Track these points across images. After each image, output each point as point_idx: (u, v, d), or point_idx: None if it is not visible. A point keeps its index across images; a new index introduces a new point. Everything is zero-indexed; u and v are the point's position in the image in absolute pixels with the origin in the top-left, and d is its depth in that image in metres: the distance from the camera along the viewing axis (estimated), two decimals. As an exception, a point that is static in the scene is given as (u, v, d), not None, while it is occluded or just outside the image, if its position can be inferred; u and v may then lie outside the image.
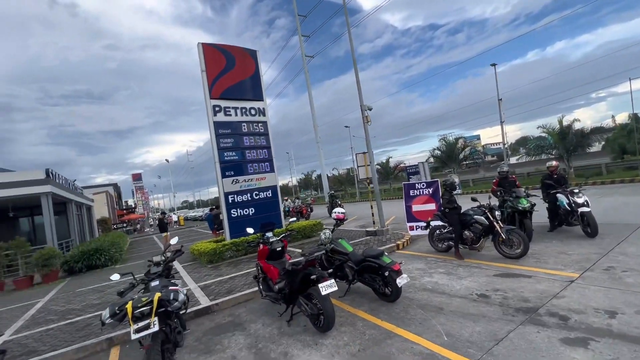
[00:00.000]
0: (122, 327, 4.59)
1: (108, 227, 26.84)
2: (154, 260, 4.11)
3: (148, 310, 2.91)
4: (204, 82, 9.64)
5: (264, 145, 10.51)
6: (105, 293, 7.18)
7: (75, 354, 4.14)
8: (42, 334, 4.96)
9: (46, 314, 6.15)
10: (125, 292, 3.59)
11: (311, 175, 67.45)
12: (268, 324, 4.31)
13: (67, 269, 10.60)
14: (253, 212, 9.95)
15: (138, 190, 73.53)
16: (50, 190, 11.83)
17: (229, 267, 7.81)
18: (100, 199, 28.91)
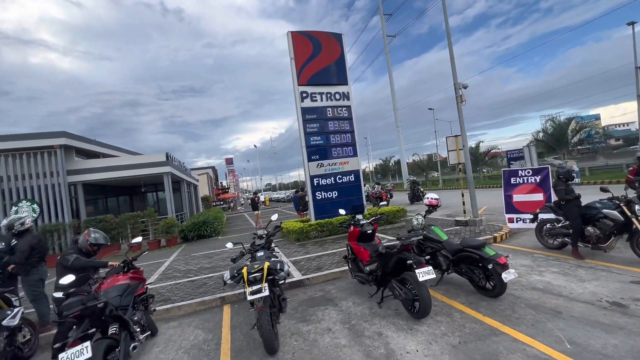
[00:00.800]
0: (230, 290, 5.31)
1: (209, 204, 31.07)
2: (257, 234, 4.58)
3: (259, 277, 3.28)
4: (293, 70, 10.08)
5: (348, 130, 10.56)
6: (213, 259, 8.38)
7: (197, 306, 4.96)
8: (172, 286, 6.08)
9: (172, 271, 7.51)
10: (236, 259, 4.10)
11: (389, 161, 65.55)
12: (358, 303, 4.42)
13: (183, 237, 12.70)
14: (336, 195, 10.21)
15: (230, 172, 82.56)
16: (170, 170, 14.18)
17: (315, 246, 8.24)
18: (202, 179, 33.51)
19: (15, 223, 4.55)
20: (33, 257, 4.54)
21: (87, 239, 4.13)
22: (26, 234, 4.59)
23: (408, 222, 10.16)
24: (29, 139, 12.14)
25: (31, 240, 4.53)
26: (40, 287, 4.57)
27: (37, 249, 4.58)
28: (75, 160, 13.45)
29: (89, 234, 4.18)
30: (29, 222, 4.67)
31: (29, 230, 4.67)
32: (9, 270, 4.40)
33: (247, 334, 3.85)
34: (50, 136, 12.36)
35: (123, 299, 3.40)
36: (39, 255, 4.63)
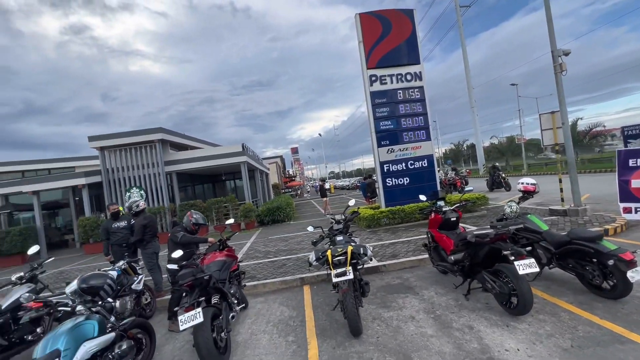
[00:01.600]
0: (309, 271, 5.55)
1: (278, 191, 32.89)
2: (335, 218, 4.66)
3: (343, 260, 3.34)
4: (361, 53, 9.83)
5: (420, 112, 9.97)
6: (289, 242, 8.86)
7: (280, 285, 5.31)
8: (255, 265, 6.62)
9: (254, 252, 8.17)
10: (317, 242, 4.24)
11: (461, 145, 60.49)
12: (441, 293, 4.21)
13: (260, 221, 13.71)
14: (408, 182, 9.82)
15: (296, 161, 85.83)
16: (246, 160, 15.32)
17: (387, 233, 8.09)
18: (272, 168, 35.53)
19: (133, 205, 5.42)
20: (147, 234, 5.36)
21: (191, 219, 4.71)
22: (141, 214, 5.43)
23: (490, 211, 9.27)
24: (134, 135, 14.29)
25: (144, 220, 5.35)
26: (154, 259, 5.40)
27: (149, 227, 5.40)
28: (170, 153, 15.42)
29: (192, 215, 4.75)
30: (142, 205, 5.51)
31: (143, 211, 5.51)
32: (131, 244, 5.31)
33: (329, 315, 3.98)
34: (150, 132, 14.37)
35: (221, 273, 3.81)
36: (151, 232, 5.44)
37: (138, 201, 5.51)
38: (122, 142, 14.20)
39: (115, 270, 4.29)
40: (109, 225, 5.46)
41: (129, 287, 4.25)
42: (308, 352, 3.19)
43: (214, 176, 21.31)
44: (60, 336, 2.36)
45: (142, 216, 5.39)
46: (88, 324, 2.56)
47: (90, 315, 2.67)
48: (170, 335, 4.07)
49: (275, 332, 3.75)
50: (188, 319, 2.89)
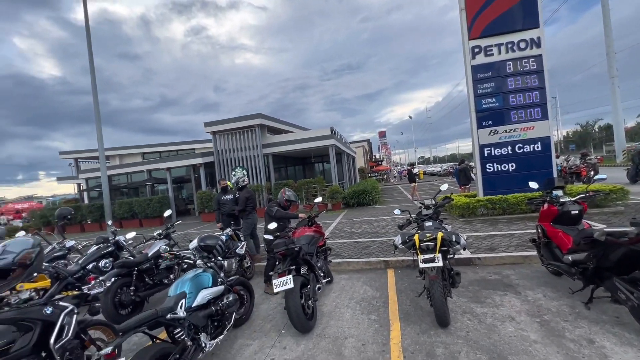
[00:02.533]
0: (392, 255, 5.47)
1: (364, 174, 32.85)
2: (425, 203, 4.42)
3: (432, 246, 3.17)
4: (462, 23, 8.75)
5: (535, 87, 8.41)
6: (373, 225, 8.86)
7: (364, 265, 5.40)
8: (340, 244, 6.86)
9: (339, 232, 8.46)
10: (403, 226, 4.12)
11: (591, 126, 49.10)
12: (552, 297, 3.62)
13: (345, 203, 14.05)
14: (514, 168, 8.54)
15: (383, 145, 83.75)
16: (334, 143, 15.71)
17: (484, 225, 7.29)
18: (358, 152, 35.54)
19: (239, 180, 6.24)
20: (249, 206, 6.13)
21: (284, 196, 5.16)
22: (244, 189, 6.20)
23: (630, 207, 7.38)
24: (238, 121, 16.13)
25: (247, 193, 6.11)
26: (253, 229, 6.15)
27: (250, 199, 6.16)
28: (267, 136, 16.93)
29: (285, 192, 5.20)
30: (246, 181, 6.29)
31: (246, 186, 6.28)
32: (236, 214, 6.15)
33: (414, 301, 3.87)
34: (250, 118, 16.00)
35: (309, 247, 4.08)
36: (252, 205, 6.20)
37: (243, 177, 6.32)
38: (229, 127, 16.23)
39: (224, 235, 5.04)
40: (219, 198, 6.43)
41: (234, 251, 4.95)
42: (390, 333, 3.20)
43: (305, 159, 22.57)
44: (185, 282, 2.93)
45: (245, 190, 6.17)
46: (205, 276, 3.11)
47: (206, 269, 3.22)
48: (266, 296, 4.61)
49: (358, 308, 3.86)
50: (281, 283, 3.22)
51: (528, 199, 4.72)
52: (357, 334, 3.27)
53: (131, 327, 2.23)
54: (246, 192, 6.15)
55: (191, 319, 2.72)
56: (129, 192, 21.31)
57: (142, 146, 23.36)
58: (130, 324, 2.24)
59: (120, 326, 2.21)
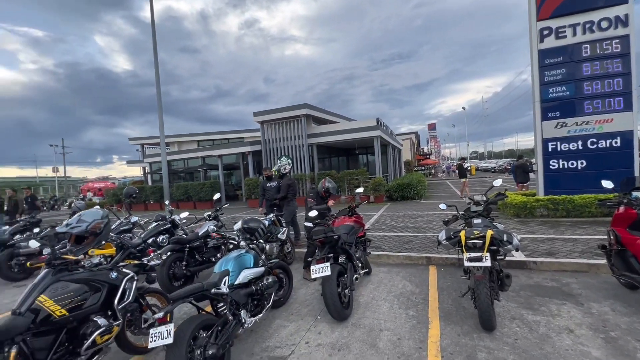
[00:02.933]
0: (435, 252, 5.23)
1: (410, 168, 31.71)
2: (474, 199, 4.13)
3: (480, 244, 2.96)
4: (530, 2, 7.87)
5: (618, 73, 7.31)
6: (417, 220, 8.55)
7: (404, 260, 5.25)
8: (381, 237, 6.74)
9: (380, 224, 8.31)
10: (449, 222, 3.90)
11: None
12: (622, 312, 3.18)
13: (388, 196, 13.74)
14: (583, 166, 7.59)
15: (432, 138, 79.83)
16: (379, 134, 15.34)
17: (543, 227, 6.62)
18: (405, 144, 34.32)
19: (281, 167, 6.42)
20: (289, 194, 6.28)
21: (324, 186, 5.19)
22: (285, 177, 6.37)
23: None
24: (285, 111, 16.47)
25: (288, 181, 6.26)
26: (293, 216, 6.31)
27: (292, 187, 6.31)
28: (312, 126, 17.09)
29: (325, 183, 5.23)
30: (287, 169, 6.43)
31: (287, 174, 6.45)
32: (277, 201, 6.34)
33: (456, 300, 3.68)
34: (297, 108, 16.24)
35: (349, 236, 4.06)
36: (292, 192, 6.35)
37: (284, 165, 6.47)
38: (276, 117, 16.67)
39: (267, 220, 5.24)
40: (264, 185, 6.68)
41: (275, 235, 5.13)
42: (429, 331, 3.09)
43: (349, 150, 22.42)
44: (229, 261, 3.11)
45: (286, 178, 6.33)
46: (247, 256, 3.27)
47: (248, 250, 3.39)
48: (305, 282, 4.72)
49: (396, 302, 3.78)
50: (318, 270, 3.27)
51: (599, 200, 4.17)
52: (393, 327, 3.21)
53: (181, 296, 2.43)
54: (287, 180, 6.30)
55: (233, 295, 2.88)
56: (185, 176, 23.09)
57: (197, 134, 25.08)
58: (180, 293, 2.44)
59: (171, 295, 2.42)
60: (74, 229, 2.40)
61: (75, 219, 2.48)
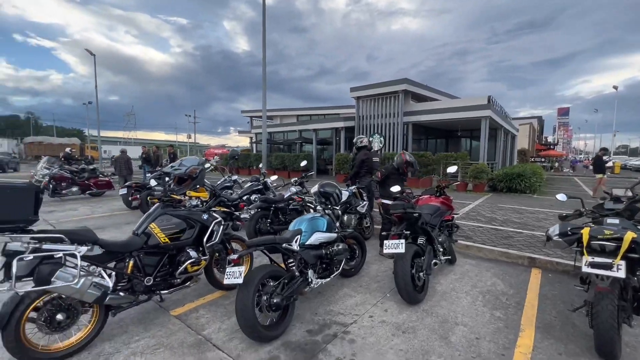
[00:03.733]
0: (544, 253, 4.33)
1: (526, 158, 26.92)
2: (612, 194, 3.16)
3: (612, 248, 2.25)
4: None
5: None
6: (523, 215, 7.24)
7: (499, 256, 4.52)
8: (473, 228, 5.96)
9: (476, 214, 7.35)
10: (568, 217, 3.11)
11: None
12: None
13: (491, 186, 12.02)
14: None
15: (561, 126, 65.74)
16: (489, 114, 13.32)
17: None
18: (523, 130, 29.06)
19: (358, 140, 6.22)
20: (363, 168, 5.99)
21: (404, 159, 4.78)
22: (362, 150, 6.11)
23: None
24: (382, 87, 15.79)
25: (363, 156, 5.99)
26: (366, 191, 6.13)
27: (366, 162, 5.99)
28: (410, 104, 16.00)
29: (405, 155, 4.81)
30: (365, 142, 6.11)
31: (365, 147, 6.20)
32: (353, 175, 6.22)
33: (563, 314, 2.98)
34: (395, 83, 15.35)
35: (432, 218, 3.67)
36: (367, 167, 6.07)
37: (362, 138, 6.18)
38: (373, 92, 16.16)
39: (348, 191, 5.20)
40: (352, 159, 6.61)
41: (355, 207, 5.06)
42: (518, 339, 2.59)
43: (449, 131, 20.30)
44: (303, 221, 3.18)
45: (362, 152, 6.06)
46: (320, 220, 3.29)
47: (323, 215, 3.40)
48: (379, 259, 4.55)
49: (480, 299, 3.30)
50: (391, 245, 3.06)
51: None
52: (472, 324, 2.81)
53: (254, 244, 2.61)
54: (362, 155, 6.04)
55: (303, 254, 2.95)
56: (284, 147, 24.99)
57: (297, 109, 26.57)
58: (254, 241, 2.62)
59: (247, 241, 2.62)
60: (176, 171, 2.80)
61: (177, 163, 2.89)
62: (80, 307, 2.39)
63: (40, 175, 9.26)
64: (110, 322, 2.78)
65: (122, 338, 2.57)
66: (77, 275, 2.20)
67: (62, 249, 2.22)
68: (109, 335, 2.61)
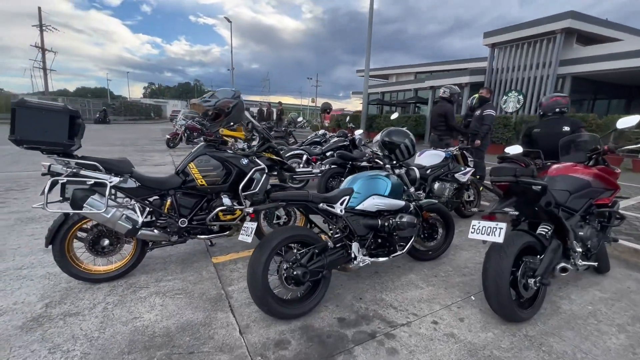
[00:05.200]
0: None
1: None
2: None
3: None
4: None
5: None
6: None
7: None
8: (656, 225, 3.82)
9: (664, 205, 4.80)
10: None
11: None
12: None
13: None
14: None
15: None
16: None
17: None
18: None
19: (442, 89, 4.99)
20: (483, 126, 4.85)
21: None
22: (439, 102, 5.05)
23: None
24: (533, 26, 12.01)
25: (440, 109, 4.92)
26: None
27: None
28: (573, 48, 11.79)
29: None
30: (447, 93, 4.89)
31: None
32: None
33: None
34: (552, 20, 11.41)
35: (572, 198, 2.27)
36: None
37: (455, 89, 4.94)
38: (516, 36, 12.55)
39: (447, 153, 4.00)
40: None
41: (452, 174, 3.87)
42: None
43: (634, 88, 14.28)
44: (357, 179, 2.41)
45: (439, 104, 4.97)
46: (382, 181, 2.44)
47: (389, 176, 2.52)
48: (476, 244, 3.36)
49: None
50: (482, 229, 1.98)
51: None
52: (619, 387, 1.59)
53: (279, 198, 2.05)
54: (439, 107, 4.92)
55: (349, 220, 2.24)
56: (395, 109, 23.14)
57: (415, 65, 23.72)
58: (279, 195, 2.06)
59: (272, 194, 2.08)
60: (205, 103, 2.44)
61: (209, 94, 2.52)
62: (123, 238, 2.42)
63: (179, 125, 11.11)
64: (157, 256, 2.84)
65: (158, 275, 2.55)
66: (105, 204, 2.15)
67: (95, 177, 2.20)
68: (151, 269, 2.63)
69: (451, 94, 4.83)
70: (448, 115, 4.82)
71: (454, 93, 4.86)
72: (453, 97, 4.86)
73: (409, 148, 2.54)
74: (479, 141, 4.70)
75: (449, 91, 4.85)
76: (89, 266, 2.37)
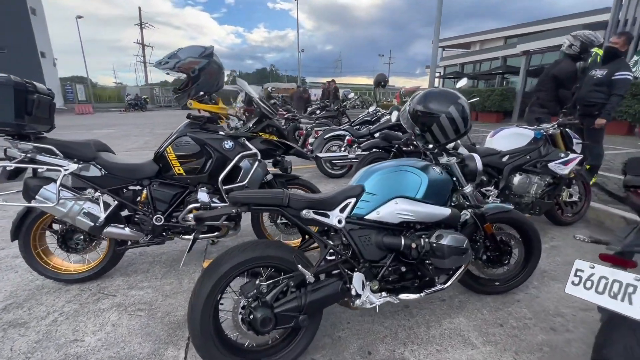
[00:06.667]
0: None
1: None
2: None
3: None
4: None
5: None
6: None
7: None
8: None
9: None
10: None
11: None
12: None
13: None
14: None
15: None
16: None
17: None
18: None
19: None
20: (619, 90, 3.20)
21: None
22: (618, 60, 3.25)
23: None
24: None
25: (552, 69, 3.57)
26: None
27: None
28: None
29: None
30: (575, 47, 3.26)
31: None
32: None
33: None
34: None
35: None
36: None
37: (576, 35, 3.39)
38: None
39: (537, 133, 2.77)
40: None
41: (544, 163, 2.65)
42: None
43: None
44: (373, 172, 1.56)
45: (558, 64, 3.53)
46: (413, 176, 1.53)
47: (428, 167, 1.60)
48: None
49: None
50: (600, 283, 0.99)
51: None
52: None
53: (239, 201, 1.36)
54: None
55: (351, 236, 1.45)
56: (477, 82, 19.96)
57: (504, 29, 19.87)
58: (238, 196, 1.37)
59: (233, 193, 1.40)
60: (162, 66, 1.84)
61: (170, 53, 1.90)
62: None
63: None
64: (149, 252, 2.48)
65: (136, 278, 2.17)
66: (56, 195, 1.78)
67: (48, 162, 1.85)
68: (134, 269, 2.27)
69: (582, 46, 3.27)
70: (565, 80, 3.37)
71: (589, 42, 3.27)
72: (585, 51, 3.34)
73: (458, 121, 1.53)
74: (603, 119, 3.21)
75: (579, 42, 3.31)
76: (58, 264, 2.09)
